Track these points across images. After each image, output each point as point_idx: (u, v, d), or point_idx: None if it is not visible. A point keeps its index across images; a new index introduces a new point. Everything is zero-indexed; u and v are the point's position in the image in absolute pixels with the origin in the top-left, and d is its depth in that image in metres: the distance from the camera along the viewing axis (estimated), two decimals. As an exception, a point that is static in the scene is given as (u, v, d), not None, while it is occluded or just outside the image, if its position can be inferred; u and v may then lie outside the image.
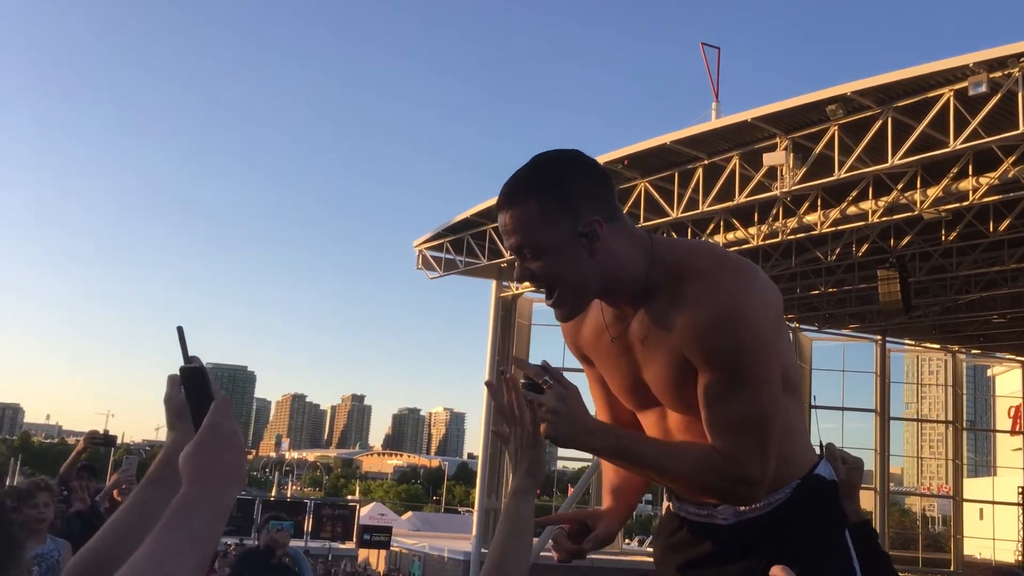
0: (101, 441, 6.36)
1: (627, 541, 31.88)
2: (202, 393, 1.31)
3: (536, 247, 1.86)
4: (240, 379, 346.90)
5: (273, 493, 55.33)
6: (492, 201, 20.89)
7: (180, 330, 1.37)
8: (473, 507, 26.66)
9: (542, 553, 22.62)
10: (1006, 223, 16.55)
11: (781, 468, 1.96)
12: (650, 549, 26.05)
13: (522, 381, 1.85)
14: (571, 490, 23.49)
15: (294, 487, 71.95)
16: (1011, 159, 14.20)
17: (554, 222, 1.84)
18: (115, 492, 5.80)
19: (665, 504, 2.22)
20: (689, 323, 1.83)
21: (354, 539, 29.36)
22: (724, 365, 1.82)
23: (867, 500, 25.33)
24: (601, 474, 2.12)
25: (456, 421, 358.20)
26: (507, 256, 21.45)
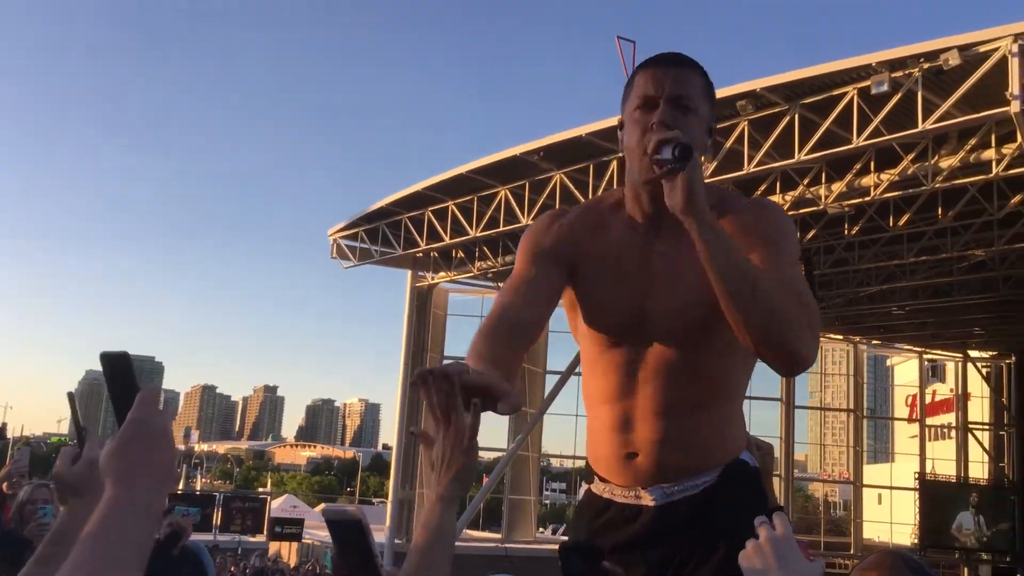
0: None
1: (540, 530, 32.12)
2: (126, 383, 1.18)
3: (694, 109, 1.96)
4: (147, 370, 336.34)
5: (181, 486, 54.04)
6: (409, 190, 20.71)
7: (71, 396, 1.28)
8: (387, 498, 26.47)
9: (456, 543, 22.66)
10: (905, 218, 17.15)
11: (718, 448, 2.00)
12: (564, 538, 26.27)
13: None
14: (485, 479, 23.54)
15: (203, 480, 70.38)
16: (910, 156, 14.73)
17: (708, 101, 2.02)
18: (4, 485, 5.54)
19: (584, 487, 2.18)
20: (744, 218, 1.97)
21: (265, 532, 28.93)
22: (779, 242, 1.95)
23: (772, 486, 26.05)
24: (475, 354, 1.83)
25: (371, 412, 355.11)
26: (423, 245, 21.34)
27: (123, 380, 1.19)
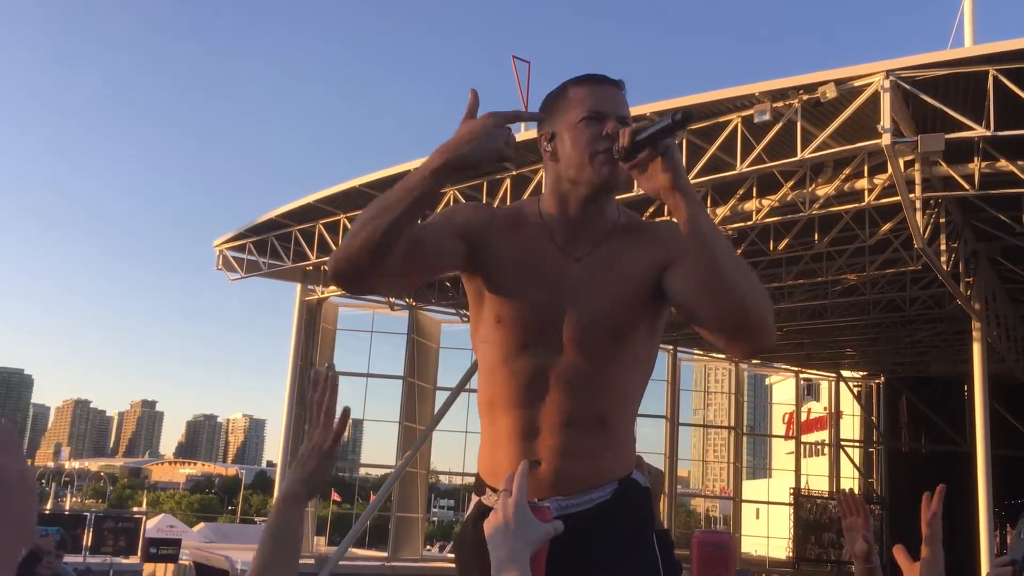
0: None
1: (428, 547, 31.89)
2: None
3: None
4: (15, 384, 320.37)
5: (48, 506, 51.59)
6: (300, 202, 20.37)
7: None
8: (270, 516, 25.77)
9: (341, 562, 22.27)
10: (784, 242, 17.85)
11: (615, 462, 2.02)
12: (451, 555, 26.10)
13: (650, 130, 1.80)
14: (373, 497, 23.26)
15: (74, 499, 67.34)
16: (790, 183, 15.36)
17: None
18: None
19: (474, 499, 2.12)
20: (667, 230, 2.01)
21: (139, 553, 27.81)
22: None
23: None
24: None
25: (256, 428, 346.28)
26: (313, 259, 21.02)
27: None
